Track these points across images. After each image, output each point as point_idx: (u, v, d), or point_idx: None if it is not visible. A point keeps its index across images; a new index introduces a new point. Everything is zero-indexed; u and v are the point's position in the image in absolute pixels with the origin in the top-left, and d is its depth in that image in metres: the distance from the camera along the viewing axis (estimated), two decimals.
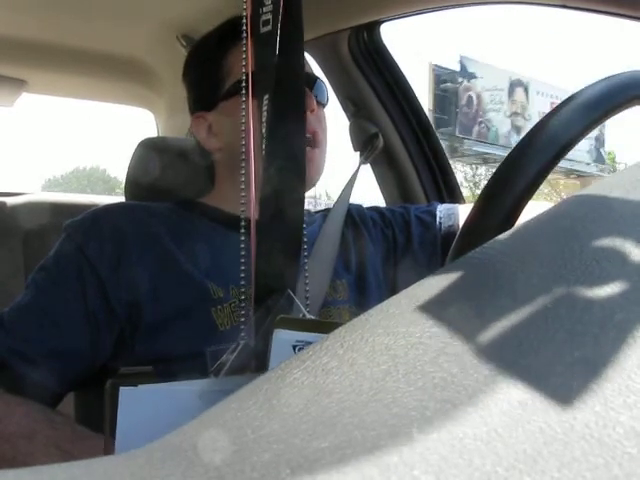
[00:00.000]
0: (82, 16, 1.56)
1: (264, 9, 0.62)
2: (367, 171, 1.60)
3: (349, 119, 1.54)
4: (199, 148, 1.10)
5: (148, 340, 0.90)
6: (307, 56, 1.13)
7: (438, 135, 1.66)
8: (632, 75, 0.55)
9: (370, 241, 1.13)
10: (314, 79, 1.07)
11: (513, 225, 0.50)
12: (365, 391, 0.23)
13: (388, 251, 1.14)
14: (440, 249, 1.14)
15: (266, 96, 0.62)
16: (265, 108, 0.62)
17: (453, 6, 1.23)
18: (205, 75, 1.08)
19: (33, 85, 1.88)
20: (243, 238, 0.64)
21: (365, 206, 1.23)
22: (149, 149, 1.25)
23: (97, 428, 0.86)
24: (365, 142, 1.35)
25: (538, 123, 0.54)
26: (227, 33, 1.06)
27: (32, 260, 0.97)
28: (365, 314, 0.31)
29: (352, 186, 1.20)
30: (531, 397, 0.21)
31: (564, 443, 0.18)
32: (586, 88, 0.55)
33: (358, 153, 1.38)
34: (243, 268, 0.64)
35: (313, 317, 0.63)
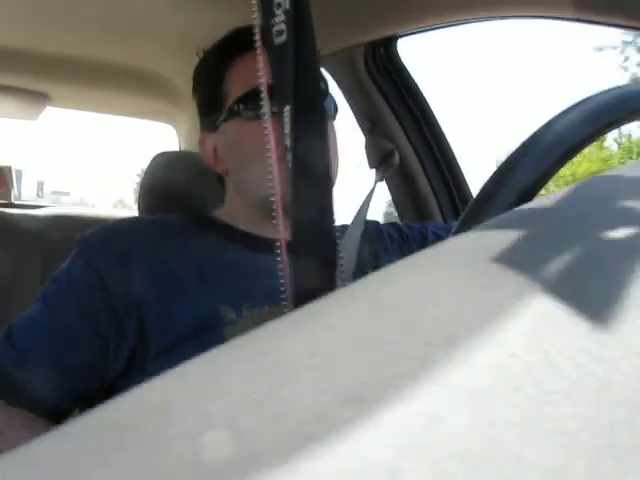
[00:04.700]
0: (104, 31, 1.57)
1: (275, 19, 0.60)
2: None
3: (365, 135, 1.53)
4: None
5: (159, 359, 0.88)
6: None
7: None
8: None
9: (387, 257, 1.11)
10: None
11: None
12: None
13: None
14: None
15: (287, 108, 0.59)
16: (286, 121, 0.59)
17: (470, 20, 1.21)
18: (206, 96, 1.06)
19: (56, 99, 1.90)
20: (279, 258, 0.60)
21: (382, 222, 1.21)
22: (163, 163, 1.26)
23: None
24: (381, 159, 1.34)
25: (543, 125, 0.52)
26: (226, 49, 1.04)
27: (49, 273, 0.97)
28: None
29: (369, 203, 1.18)
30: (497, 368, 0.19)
31: None
32: (599, 94, 0.53)
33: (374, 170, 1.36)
34: (283, 289, 0.60)
35: None
